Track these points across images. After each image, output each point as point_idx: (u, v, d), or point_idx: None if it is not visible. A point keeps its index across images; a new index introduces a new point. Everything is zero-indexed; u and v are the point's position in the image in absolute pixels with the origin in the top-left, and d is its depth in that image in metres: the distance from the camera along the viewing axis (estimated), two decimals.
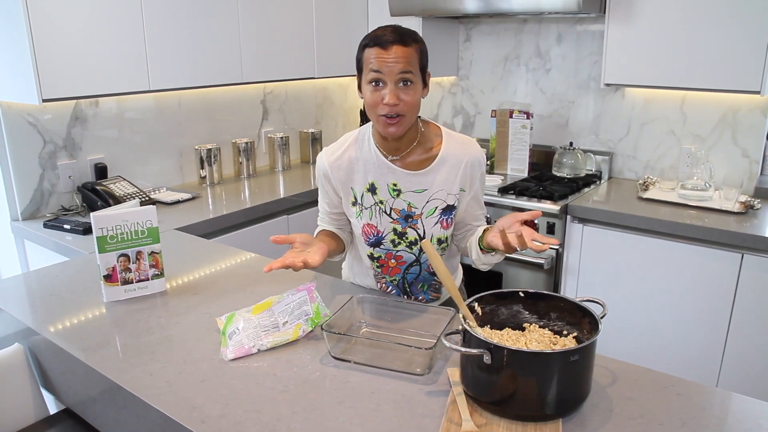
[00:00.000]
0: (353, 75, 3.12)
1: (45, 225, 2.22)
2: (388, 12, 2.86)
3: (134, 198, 2.36)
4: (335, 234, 1.60)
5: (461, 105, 3.37)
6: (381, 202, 1.49)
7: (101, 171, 2.46)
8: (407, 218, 1.49)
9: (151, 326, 1.39)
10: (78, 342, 1.32)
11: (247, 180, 2.97)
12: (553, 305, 1.20)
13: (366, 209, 1.51)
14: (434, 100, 3.44)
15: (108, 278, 1.51)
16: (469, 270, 1.78)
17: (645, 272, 2.37)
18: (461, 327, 1.09)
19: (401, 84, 1.35)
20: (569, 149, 2.89)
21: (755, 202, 2.40)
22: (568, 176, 2.85)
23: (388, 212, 1.49)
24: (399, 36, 1.34)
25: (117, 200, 2.29)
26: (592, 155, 2.94)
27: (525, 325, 1.21)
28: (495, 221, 1.39)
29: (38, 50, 1.99)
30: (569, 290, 2.57)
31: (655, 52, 2.45)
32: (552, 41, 2.99)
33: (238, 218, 2.44)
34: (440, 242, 1.51)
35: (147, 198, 2.44)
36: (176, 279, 1.67)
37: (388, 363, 1.21)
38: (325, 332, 1.24)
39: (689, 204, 2.44)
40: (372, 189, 1.49)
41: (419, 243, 1.51)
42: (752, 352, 2.20)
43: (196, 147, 2.83)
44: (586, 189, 2.74)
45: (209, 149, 2.83)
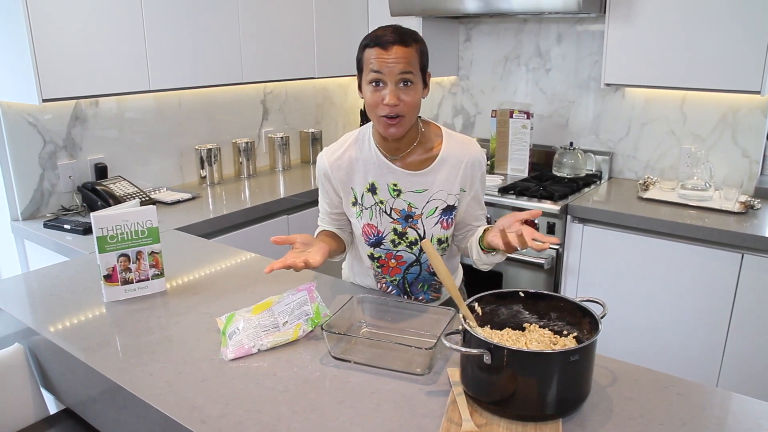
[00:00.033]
0: (353, 75, 3.13)
1: (45, 225, 2.22)
2: (389, 12, 2.86)
3: (134, 198, 2.36)
4: (336, 234, 1.60)
5: (461, 105, 3.37)
6: (381, 202, 1.49)
7: (101, 171, 2.46)
8: (407, 218, 1.49)
9: (151, 326, 1.40)
10: (78, 342, 1.33)
11: (248, 180, 2.97)
12: (553, 305, 1.20)
13: (366, 209, 1.51)
14: (434, 100, 3.44)
15: (108, 278, 1.51)
16: (469, 270, 1.78)
17: (645, 272, 2.37)
18: (461, 327, 1.09)
19: (401, 84, 1.35)
20: (569, 149, 2.89)
21: (755, 202, 2.40)
22: (569, 176, 2.85)
23: (389, 212, 1.49)
24: (399, 36, 1.34)
25: (117, 200, 2.29)
26: (592, 155, 2.94)
27: (525, 325, 1.21)
28: (495, 221, 1.39)
29: (38, 50, 1.99)
30: (569, 290, 2.57)
31: (655, 52, 2.45)
32: (552, 41, 2.99)
33: (238, 218, 2.44)
34: (440, 242, 1.51)
35: (147, 198, 2.44)
36: (176, 279, 1.67)
37: (388, 363, 1.21)
38: (325, 332, 1.24)
39: (689, 204, 2.44)
40: (372, 189, 1.49)
41: (419, 243, 1.51)
42: (752, 352, 2.20)
43: (196, 147, 2.84)
44: (586, 189, 2.74)
45: (209, 149, 2.83)
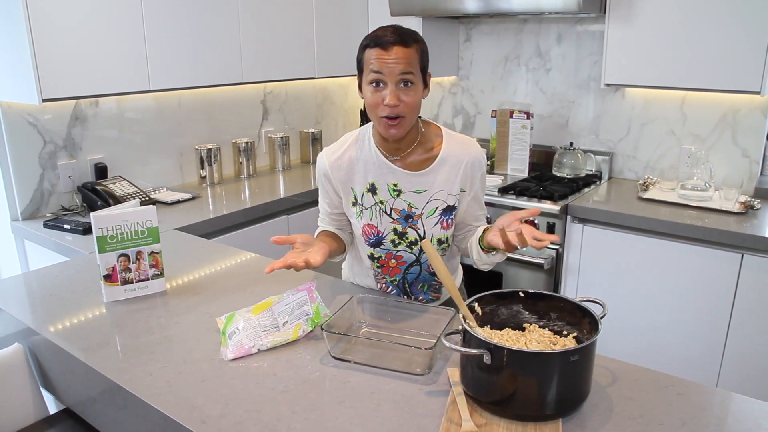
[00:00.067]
0: (353, 75, 3.12)
1: (45, 225, 2.22)
2: (389, 12, 2.86)
3: (134, 198, 2.36)
4: (336, 234, 1.60)
5: (461, 105, 3.37)
6: (381, 202, 1.49)
7: (101, 171, 2.46)
8: (407, 218, 1.49)
9: (151, 326, 1.39)
10: (78, 342, 1.33)
11: (247, 180, 2.97)
12: (553, 305, 1.20)
13: (366, 209, 1.51)
14: (434, 100, 3.44)
15: (108, 278, 1.51)
16: (469, 270, 1.78)
17: (645, 272, 2.37)
18: (461, 327, 1.09)
19: (402, 85, 1.35)
20: (569, 149, 2.89)
21: (755, 203, 2.40)
22: (568, 176, 2.85)
23: (389, 212, 1.49)
24: (400, 36, 1.34)
25: (117, 200, 2.29)
26: (592, 155, 2.94)
27: (525, 325, 1.21)
28: (495, 221, 1.39)
29: (38, 50, 1.99)
30: (569, 290, 2.57)
31: (655, 52, 2.45)
32: (552, 41, 2.99)
33: (238, 218, 2.44)
34: (440, 242, 1.51)
35: (147, 198, 2.44)
36: (176, 279, 1.67)
37: (388, 363, 1.21)
38: (325, 332, 1.24)
39: (689, 204, 2.44)
40: (372, 189, 1.49)
41: (419, 243, 1.51)
42: (752, 352, 2.20)
43: (196, 147, 2.84)
44: (586, 189, 2.74)
45: (209, 149, 2.83)
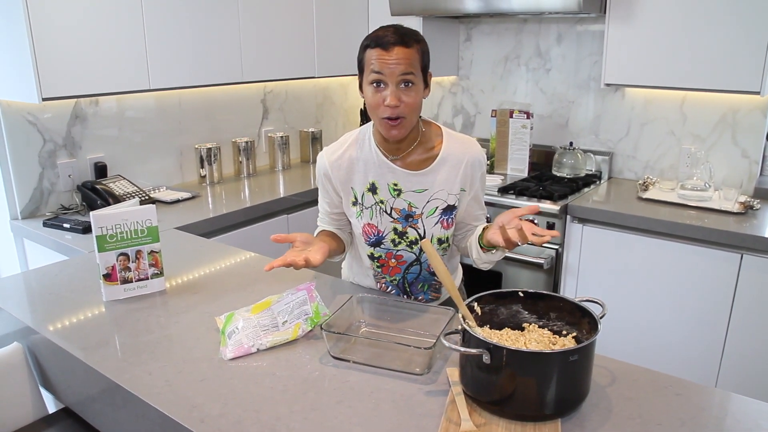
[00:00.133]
0: (353, 74, 3.12)
1: (44, 224, 2.22)
2: (389, 11, 2.86)
3: (134, 197, 2.36)
4: (335, 234, 1.60)
5: (461, 105, 3.37)
6: (381, 202, 1.49)
7: (101, 170, 2.46)
8: (408, 218, 1.49)
9: (151, 325, 1.39)
10: (77, 341, 1.32)
11: (247, 179, 2.97)
12: (553, 305, 1.20)
13: (366, 209, 1.50)
14: (434, 100, 3.44)
15: (107, 277, 1.51)
16: (469, 270, 1.78)
17: (644, 272, 2.37)
18: (460, 327, 1.09)
19: (402, 85, 1.35)
20: (569, 149, 2.89)
21: (755, 203, 2.40)
22: (568, 176, 2.85)
23: (389, 212, 1.49)
24: (400, 37, 1.34)
25: (117, 199, 2.29)
26: (592, 155, 2.94)
27: (524, 325, 1.21)
28: (494, 221, 1.39)
29: (38, 49, 1.99)
30: (569, 290, 2.57)
31: (655, 52, 2.45)
32: (552, 41, 2.99)
33: (238, 217, 2.44)
34: (441, 242, 1.51)
35: (147, 197, 2.43)
36: (176, 278, 1.67)
37: (388, 363, 1.21)
38: (325, 332, 1.24)
39: (689, 204, 2.44)
40: (372, 189, 1.49)
41: (419, 242, 1.51)
42: (751, 353, 2.20)
43: (196, 146, 2.83)
44: (586, 189, 2.74)
45: (209, 148, 2.83)
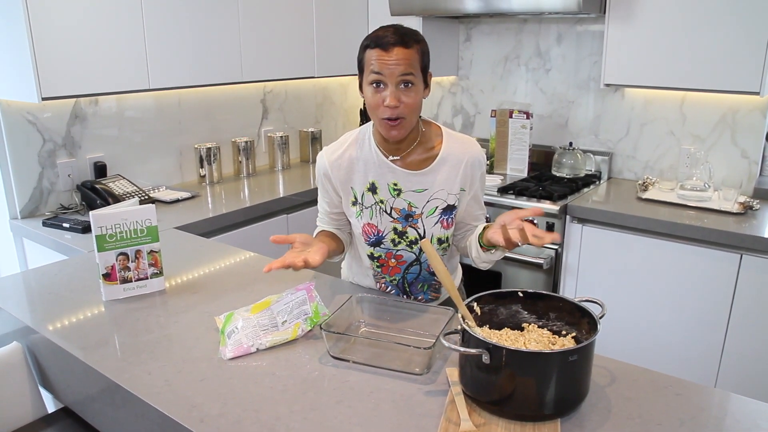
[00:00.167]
0: (353, 74, 3.12)
1: (44, 223, 2.22)
2: (389, 11, 2.86)
3: (133, 197, 2.36)
4: (335, 234, 1.60)
5: (461, 105, 3.37)
6: (381, 202, 1.49)
7: (101, 169, 2.46)
8: (407, 218, 1.49)
9: (150, 325, 1.39)
10: (77, 341, 1.32)
11: (247, 179, 2.97)
12: (552, 305, 1.20)
13: (366, 209, 1.50)
14: (434, 100, 3.44)
15: (107, 277, 1.50)
16: (469, 270, 1.78)
17: (644, 272, 2.37)
18: (460, 327, 1.09)
19: (402, 86, 1.35)
20: (569, 149, 2.89)
21: (754, 203, 2.40)
22: (568, 176, 2.85)
23: (389, 212, 1.49)
24: (400, 37, 1.34)
25: (116, 199, 2.29)
26: (592, 155, 2.94)
27: (524, 325, 1.21)
28: (494, 220, 1.39)
29: (38, 48, 1.99)
30: (568, 290, 2.57)
31: (655, 53, 2.45)
32: (552, 41, 2.99)
33: (238, 217, 2.44)
34: (441, 242, 1.51)
35: (146, 197, 2.43)
36: (175, 278, 1.67)
37: (387, 362, 1.21)
38: (324, 332, 1.24)
39: (688, 204, 2.44)
40: (372, 188, 1.49)
41: (419, 242, 1.51)
42: (751, 353, 2.20)
43: (196, 146, 2.83)
44: (586, 189, 2.74)
45: (209, 148, 2.83)
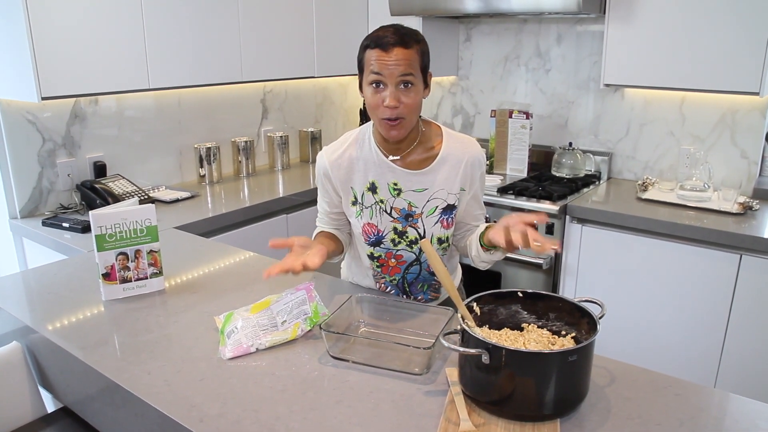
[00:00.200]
0: (353, 74, 3.12)
1: (44, 223, 2.22)
2: (388, 11, 2.86)
3: (133, 196, 2.36)
4: (334, 235, 1.59)
5: (461, 105, 3.37)
6: (381, 201, 1.49)
7: (100, 169, 2.46)
8: (407, 217, 1.49)
9: (150, 325, 1.39)
10: (76, 340, 1.32)
11: (247, 179, 2.97)
12: (552, 305, 1.20)
13: (366, 208, 1.50)
14: (434, 100, 3.44)
15: (106, 277, 1.50)
16: (468, 270, 1.78)
17: (644, 273, 2.37)
18: (460, 327, 1.09)
19: (402, 86, 1.35)
20: (568, 149, 2.90)
21: (754, 203, 2.40)
22: (567, 176, 2.85)
23: (389, 211, 1.49)
24: (400, 37, 1.34)
25: (116, 198, 2.29)
26: (592, 156, 2.94)
27: (523, 325, 1.21)
28: (495, 221, 1.39)
29: (38, 48, 1.99)
30: (568, 290, 2.57)
31: (655, 53, 2.45)
32: (552, 41, 2.99)
33: (237, 217, 2.43)
34: (441, 242, 1.51)
35: (146, 196, 2.43)
36: (175, 278, 1.67)
37: (387, 362, 1.21)
38: (324, 331, 1.24)
39: (688, 205, 2.44)
40: (372, 188, 1.49)
41: (419, 242, 1.51)
42: (750, 353, 2.20)
43: (196, 146, 2.83)
44: (585, 189, 2.74)
45: (209, 148, 2.83)
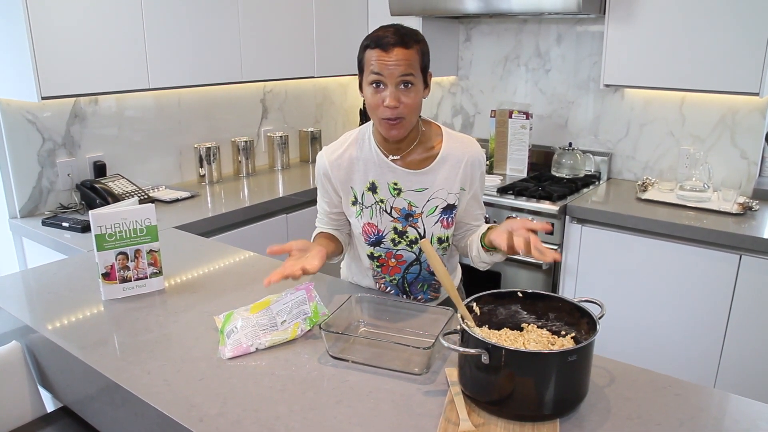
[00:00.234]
0: (353, 74, 3.12)
1: (43, 223, 2.22)
2: (388, 11, 2.86)
3: (133, 196, 2.36)
4: (333, 236, 1.59)
5: (461, 105, 3.37)
6: (381, 201, 1.49)
7: (100, 169, 2.46)
8: (408, 217, 1.49)
9: (150, 325, 1.39)
10: (76, 340, 1.32)
11: (246, 179, 2.97)
12: (552, 305, 1.20)
13: (366, 208, 1.51)
14: (434, 100, 3.44)
15: (106, 276, 1.50)
16: (468, 270, 1.78)
17: (643, 273, 2.37)
18: (459, 327, 1.09)
19: (402, 86, 1.35)
20: (568, 150, 2.90)
21: (753, 204, 2.40)
22: (567, 177, 2.85)
23: (389, 211, 1.49)
24: (400, 37, 1.34)
25: (116, 198, 2.29)
26: (591, 156, 2.94)
27: (523, 326, 1.21)
28: (494, 221, 1.39)
29: (38, 48, 1.99)
30: (568, 290, 2.57)
31: (655, 53, 2.45)
32: (552, 42, 2.99)
33: (237, 217, 2.44)
34: (441, 242, 1.51)
35: (146, 196, 2.43)
36: (175, 277, 1.67)
37: (387, 362, 1.21)
38: (324, 331, 1.24)
39: (688, 205, 2.44)
40: (372, 188, 1.49)
41: (419, 242, 1.51)
42: (750, 353, 2.20)
43: (196, 145, 2.83)
44: (585, 189, 2.74)
45: (208, 148, 2.83)
